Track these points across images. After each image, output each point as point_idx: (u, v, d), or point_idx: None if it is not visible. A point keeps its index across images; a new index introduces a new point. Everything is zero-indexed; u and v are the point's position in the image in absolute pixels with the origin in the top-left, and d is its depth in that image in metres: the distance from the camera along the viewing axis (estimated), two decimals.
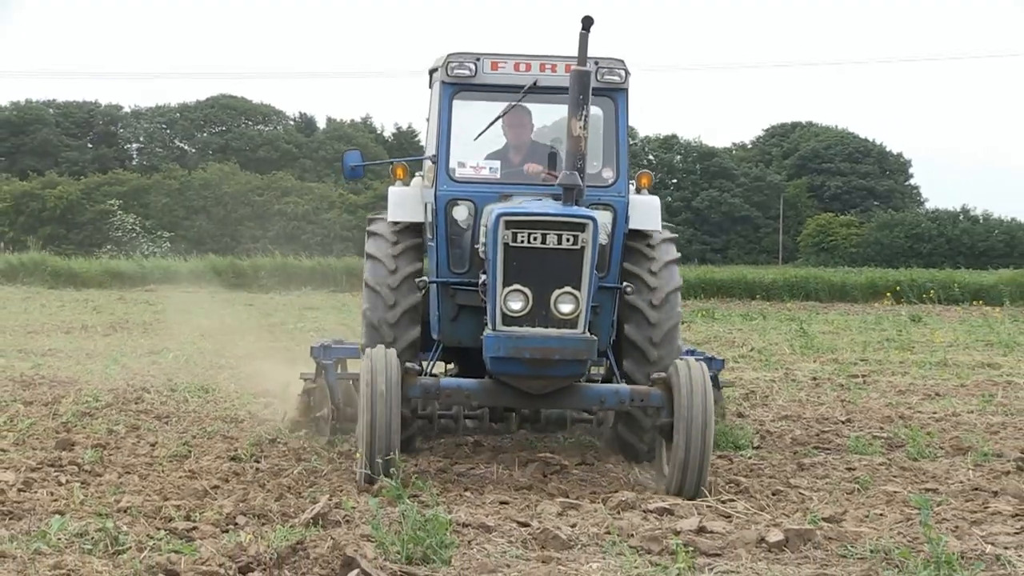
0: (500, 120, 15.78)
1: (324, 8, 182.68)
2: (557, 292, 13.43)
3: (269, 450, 15.26)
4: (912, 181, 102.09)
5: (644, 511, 12.52)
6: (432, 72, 16.18)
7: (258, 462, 14.83)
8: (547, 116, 16.68)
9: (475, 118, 15.78)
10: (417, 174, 16.69)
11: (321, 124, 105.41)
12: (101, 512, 11.96)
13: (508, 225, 13.31)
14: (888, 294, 58.76)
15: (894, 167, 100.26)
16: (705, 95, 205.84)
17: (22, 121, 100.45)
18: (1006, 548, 11.53)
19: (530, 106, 16.01)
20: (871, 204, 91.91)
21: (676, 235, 16.10)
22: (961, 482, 14.56)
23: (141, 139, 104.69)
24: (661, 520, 12.08)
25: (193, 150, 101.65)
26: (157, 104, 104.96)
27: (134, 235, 75.41)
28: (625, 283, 14.98)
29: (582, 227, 13.37)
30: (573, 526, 11.85)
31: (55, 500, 12.57)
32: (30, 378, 22.73)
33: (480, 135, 15.80)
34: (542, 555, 10.84)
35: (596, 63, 14.78)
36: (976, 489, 14.05)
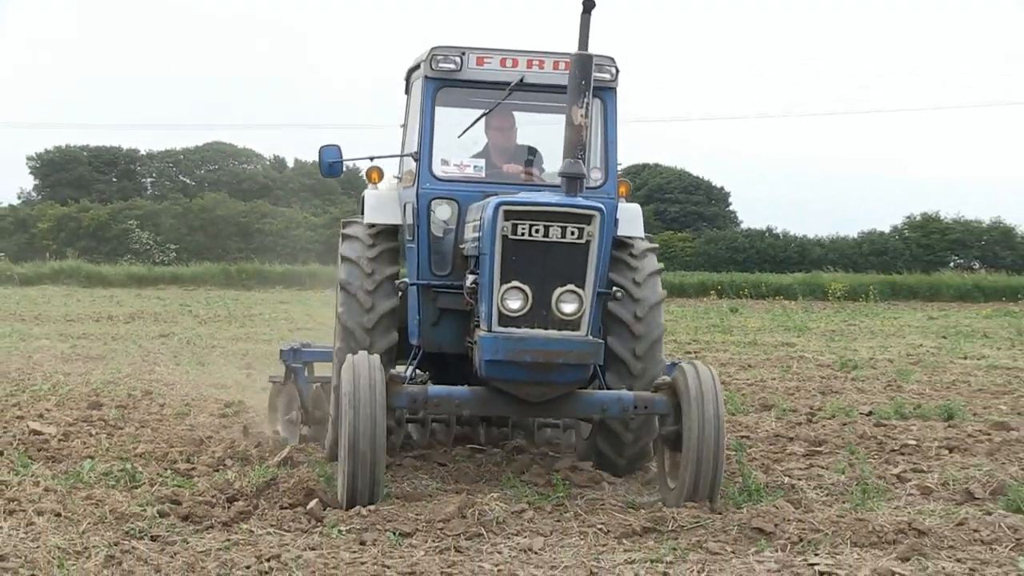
0: (483, 121, 11.95)
1: (294, 76, 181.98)
2: (559, 290, 9.84)
3: (250, 409, 15.12)
4: (731, 207, 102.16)
5: (531, 453, 12.42)
6: (412, 71, 12.26)
7: (240, 418, 14.75)
8: (530, 119, 12.85)
9: (458, 115, 12.05)
10: (392, 176, 12.69)
11: (290, 163, 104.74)
12: (122, 456, 11.93)
13: (508, 215, 9.77)
14: (713, 291, 58.97)
15: (717, 197, 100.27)
16: None
17: (63, 160, 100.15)
18: (799, 479, 11.63)
19: (512, 107, 12.22)
20: (701, 224, 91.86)
21: (657, 245, 12.41)
22: (766, 431, 14.60)
23: (153, 175, 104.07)
24: (544, 460, 12.02)
25: (193, 183, 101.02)
26: (166, 148, 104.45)
27: (148, 247, 75.08)
28: (615, 288, 11.28)
29: (588, 219, 9.80)
30: (479, 466, 11.83)
31: (87, 447, 12.50)
32: (68, 355, 22.56)
33: (464, 132, 11.94)
34: (456, 488, 10.81)
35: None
36: (777, 436, 14.12)
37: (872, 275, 66.09)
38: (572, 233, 9.84)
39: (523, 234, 9.85)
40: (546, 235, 9.85)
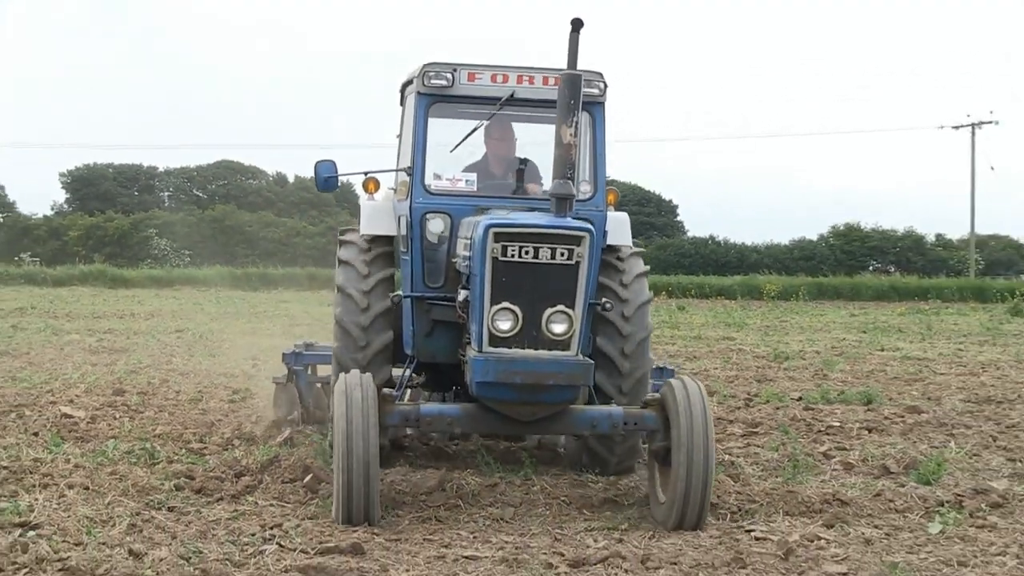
0: (481, 132, 10.91)
1: (296, 97, 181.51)
2: (549, 311, 8.77)
3: (255, 395, 15.08)
4: (679, 218, 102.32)
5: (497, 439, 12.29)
6: (406, 85, 11.21)
7: (246, 404, 14.73)
8: (525, 130, 11.50)
9: (451, 130, 10.90)
10: (388, 188, 11.57)
11: (291, 179, 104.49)
12: (142, 437, 11.87)
13: (497, 237, 8.71)
14: (663, 292, 58.96)
15: (667, 209, 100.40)
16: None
17: (91, 177, 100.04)
18: (738, 457, 11.67)
19: (511, 118, 11.14)
20: (652, 233, 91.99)
21: (643, 249, 11.67)
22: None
23: (170, 189, 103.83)
24: (509, 441, 11.99)
25: (205, 196, 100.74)
26: (181, 165, 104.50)
27: (166, 253, 75.03)
28: (604, 300, 10.17)
29: (577, 240, 8.75)
30: (456, 444, 11.82)
31: (111, 429, 12.45)
32: (95, 347, 22.46)
33: (456, 147, 10.86)
34: (436, 464, 10.81)
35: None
36: (719, 419, 14.07)
37: (802, 277, 66.24)
38: (562, 254, 8.79)
39: (513, 255, 8.79)
40: (536, 256, 8.79)
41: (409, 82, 10.92)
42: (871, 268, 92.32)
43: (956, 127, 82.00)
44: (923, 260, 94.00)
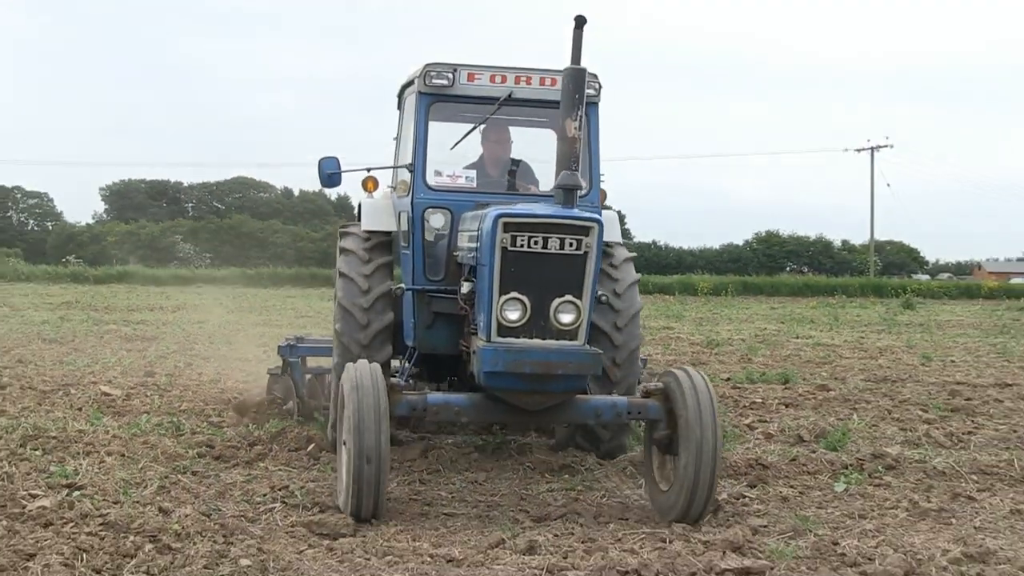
0: (478, 132, 9.81)
1: (301, 122, 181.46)
2: (557, 301, 7.71)
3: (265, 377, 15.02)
4: (626, 226, 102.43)
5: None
6: (405, 87, 10.11)
7: (258, 383, 14.67)
8: (522, 133, 10.32)
9: (450, 128, 9.81)
10: (386, 187, 10.40)
11: (296, 192, 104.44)
12: (170, 412, 11.86)
13: (507, 227, 7.64)
14: None
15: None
16: None
17: (126, 190, 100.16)
18: None
19: (507, 122, 10.03)
20: None
21: (635, 254, 10.46)
22: None
23: (193, 201, 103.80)
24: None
25: (223, 207, 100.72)
26: (202, 181, 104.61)
27: (189, 256, 74.90)
28: (600, 293, 8.92)
29: (586, 230, 7.68)
30: (452, 435, 11.78)
31: (144, 405, 12.38)
32: (130, 336, 22.36)
33: (457, 144, 9.72)
34: (420, 435, 10.79)
35: None
36: None
37: (730, 277, 66.60)
38: (571, 244, 7.65)
39: (522, 245, 7.64)
40: (545, 246, 7.64)
41: (408, 84, 9.88)
42: (788, 269, 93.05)
43: (858, 150, 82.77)
44: (831, 262, 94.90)
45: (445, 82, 9.20)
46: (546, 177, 9.65)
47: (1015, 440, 11.33)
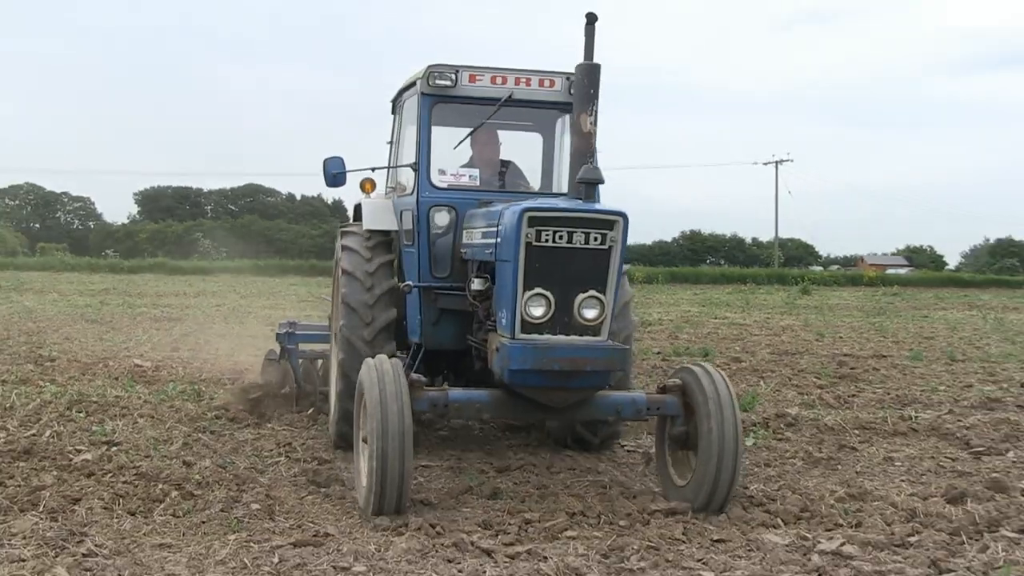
0: (470, 135, 8.38)
1: (302, 136, 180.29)
2: (581, 296, 6.56)
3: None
4: None
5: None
6: (404, 91, 8.75)
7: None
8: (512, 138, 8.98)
9: (449, 130, 8.48)
10: (386, 187, 9.29)
11: (298, 197, 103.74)
12: (192, 381, 11.76)
13: (532, 222, 6.48)
14: None
15: None
16: None
17: (155, 195, 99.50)
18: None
19: (498, 126, 8.68)
20: None
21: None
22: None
23: (212, 204, 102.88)
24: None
25: (236, 209, 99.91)
26: (220, 187, 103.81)
27: (208, 250, 74.50)
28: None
29: (610, 224, 6.57)
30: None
31: (170, 375, 12.28)
32: (158, 317, 22.14)
33: (460, 143, 8.38)
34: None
35: (568, 78, 7.91)
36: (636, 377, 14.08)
37: (660, 268, 66.58)
38: (595, 239, 6.46)
39: (547, 240, 6.42)
40: (569, 241, 6.44)
41: (407, 87, 8.55)
42: (708, 261, 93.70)
43: (765, 163, 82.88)
44: (744, 255, 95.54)
45: (448, 83, 7.88)
46: (534, 177, 8.83)
47: (889, 401, 11.48)
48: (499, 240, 6.72)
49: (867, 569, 5.49)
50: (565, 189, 7.61)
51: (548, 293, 6.45)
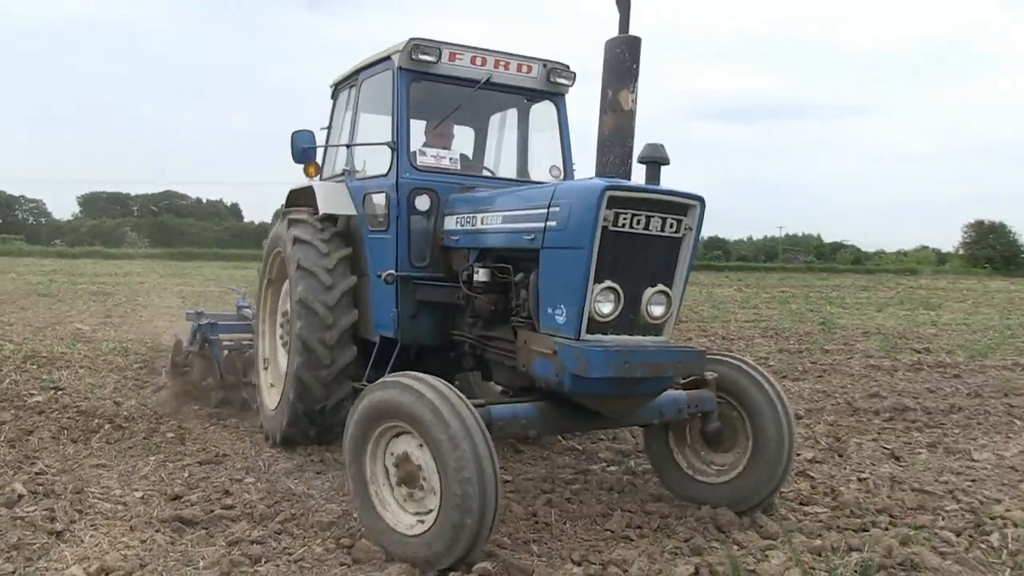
0: (425, 126, 5.45)
1: (215, 143, 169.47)
2: (650, 291, 3.70)
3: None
4: None
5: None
6: (362, 70, 5.44)
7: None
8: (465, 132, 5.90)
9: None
10: (343, 170, 5.59)
11: (204, 201, 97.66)
12: (121, 341, 10.69)
13: (612, 203, 3.46)
14: None
15: None
16: None
17: (93, 199, 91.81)
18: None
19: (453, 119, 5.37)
20: None
21: None
22: None
23: (138, 205, 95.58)
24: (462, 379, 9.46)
25: (156, 209, 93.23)
26: (143, 192, 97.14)
27: (135, 241, 68.37)
28: None
29: (687, 209, 3.70)
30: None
31: (104, 336, 11.16)
32: (95, 292, 20.18)
33: (439, 124, 5.28)
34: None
35: (545, 65, 5.28)
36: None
37: None
38: (670, 225, 3.83)
39: (624, 225, 3.73)
40: (647, 227, 3.79)
41: (371, 64, 5.39)
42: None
43: None
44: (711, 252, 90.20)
45: (431, 58, 4.99)
46: (509, 165, 5.81)
47: None
48: (554, 223, 3.89)
49: None
50: (556, 175, 5.46)
51: (618, 286, 3.78)
